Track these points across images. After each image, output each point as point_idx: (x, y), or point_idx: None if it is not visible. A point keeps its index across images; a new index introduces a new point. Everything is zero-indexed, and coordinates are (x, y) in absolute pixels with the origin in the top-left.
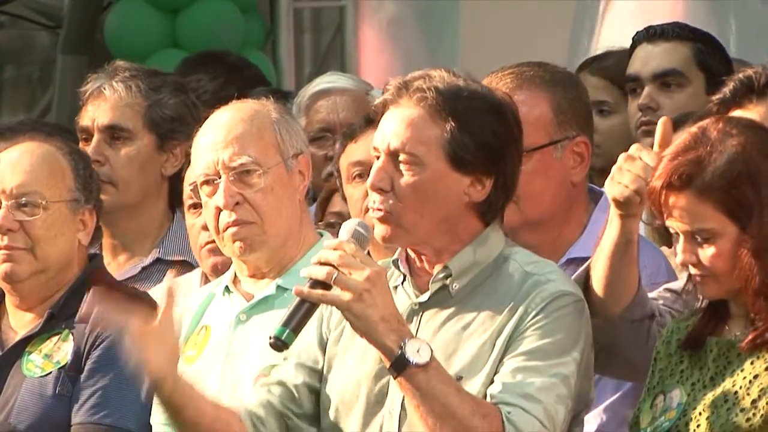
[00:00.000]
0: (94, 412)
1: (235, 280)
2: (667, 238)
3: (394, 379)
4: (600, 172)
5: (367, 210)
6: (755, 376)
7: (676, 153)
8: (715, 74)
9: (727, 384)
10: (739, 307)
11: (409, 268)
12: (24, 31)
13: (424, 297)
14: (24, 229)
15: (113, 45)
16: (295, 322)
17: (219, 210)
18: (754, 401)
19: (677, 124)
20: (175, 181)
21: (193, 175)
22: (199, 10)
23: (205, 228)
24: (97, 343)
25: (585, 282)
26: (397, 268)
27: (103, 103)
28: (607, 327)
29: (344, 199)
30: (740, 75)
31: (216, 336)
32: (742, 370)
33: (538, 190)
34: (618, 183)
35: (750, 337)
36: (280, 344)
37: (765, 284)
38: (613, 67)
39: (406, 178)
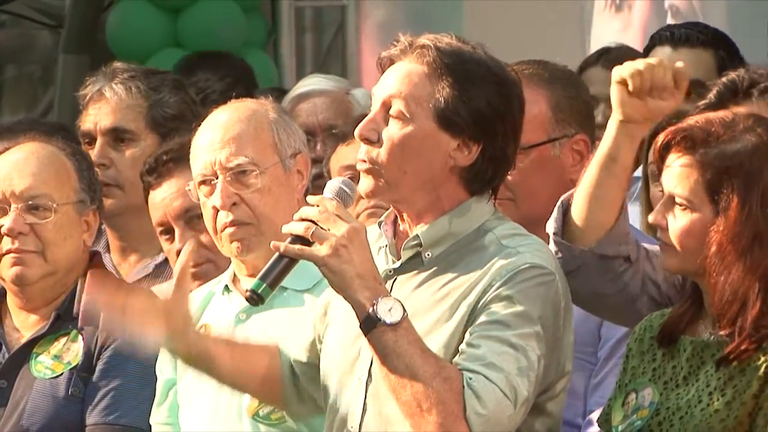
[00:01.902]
0: (108, 413)
1: (235, 279)
2: None
3: (365, 336)
4: None
5: (358, 215)
6: (729, 378)
7: (697, 119)
8: None
9: (700, 384)
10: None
11: (394, 232)
12: (25, 30)
13: (397, 264)
14: (35, 232)
15: (115, 44)
16: (272, 277)
17: (217, 210)
18: (728, 403)
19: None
20: None
21: (158, 201)
22: (201, 9)
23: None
24: (107, 343)
25: (566, 209)
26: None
27: (104, 106)
28: (571, 256)
29: None
30: (724, 79)
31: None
32: (716, 371)
33: (535, 187)
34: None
35: (725, 353)
36: (255, 297)
37: (727, 280)
38: (622, 59)
39: (393, 130)
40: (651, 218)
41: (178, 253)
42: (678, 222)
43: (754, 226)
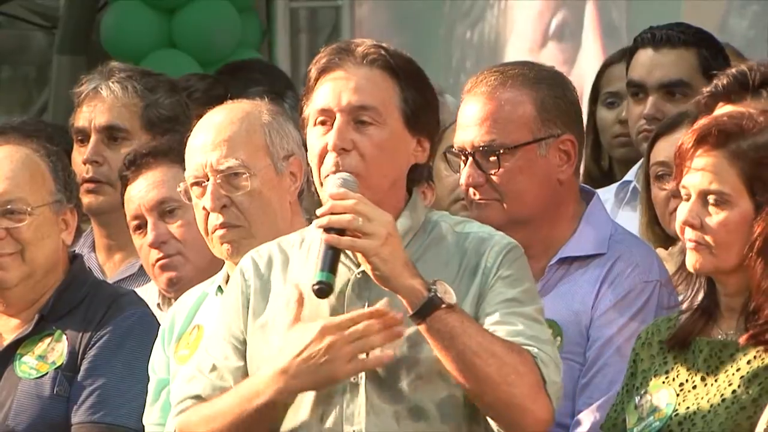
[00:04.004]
0: (92, 412)
1: (228, 279)
2: (662, 239)
3: (419, 323)
4: (625, 163)
5: None
6: (754, 375)
7: (722, 114)
8: None
9: (721, 383)
10: (732, 298)
11: None
12: (20, 31)
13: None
14: (11, 235)
15: (109, 45)
16: (331, 266)
17: (208, 212)
18: (755, 400)
19: (674, 125)
20: None
21: (134, 195)
22: (195, 10)
23: (153, 245)
24: (92, 343)
25: None
26: None
27: (100, 104)
28: None
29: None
30: (734, 71)
31: (208, 334)
32: (738, 370)
33: (521, 188)
34: None
35: (751, 332)
36: (325, 287)
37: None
38: None
39: (371, 136)
40: (682, 218)
41: (150, 246)
42: (714, 218)
43: None
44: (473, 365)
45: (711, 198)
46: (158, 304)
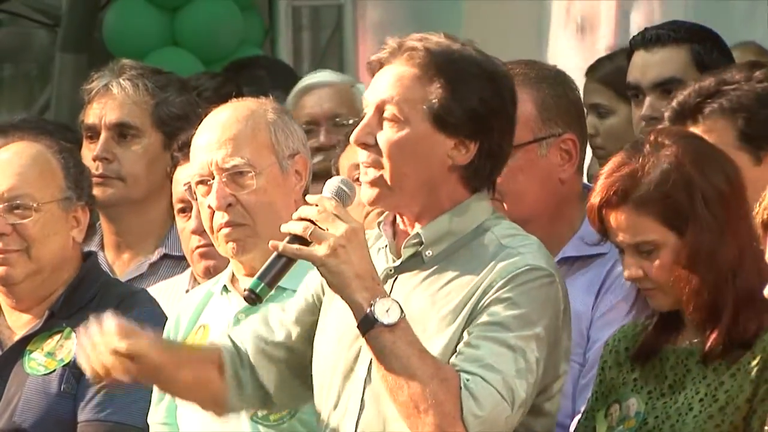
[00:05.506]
0: (99, 410)
1: (233, 279)
2: None
3: (362, 336)
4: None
5: (367, 214)
6: (721, 383)
7: (612, 170)
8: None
9: (689, 392)
10: (692, 315)
11: (394, 232)
12: (23, 29)
13: (398, 262)
14: (17, 231)
15: (112, 43)
16: (270, 277)
17: (213, 210)
18: (722, 408)
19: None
20: None
21: (183, 177)
22: (198, 8)
23: (195, 232)
24: None
25: None
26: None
27: (110, 101)
28: None
29: None
30: (674, 102)
31: (214, 335)
32: (704, 378)
33: (522, 187)
34: None
35: (705, 351)
36: (253, 297)
37: (701, 295)
38: (605, 70)
39: (388, 134)
40: (626, 275)
41: (192, 232)
42: (652, 265)
43: (710, 228)
44: (394, 387)
45: (642, 249)
46: (187, 291)
